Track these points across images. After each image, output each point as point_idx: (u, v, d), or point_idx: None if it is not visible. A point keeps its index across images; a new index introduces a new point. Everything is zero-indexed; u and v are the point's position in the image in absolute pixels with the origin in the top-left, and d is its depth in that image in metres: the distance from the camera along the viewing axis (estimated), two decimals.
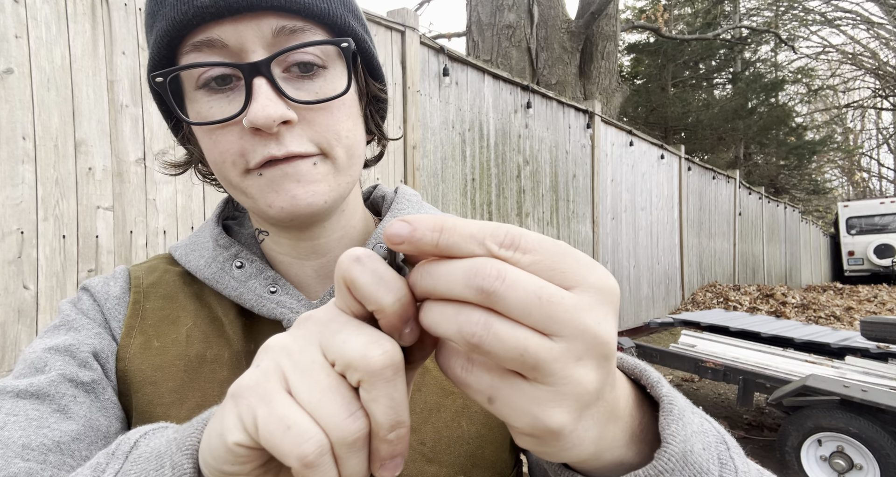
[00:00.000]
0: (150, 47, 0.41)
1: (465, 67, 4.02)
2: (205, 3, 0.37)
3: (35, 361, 0.42)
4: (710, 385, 4.17)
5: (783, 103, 17.52)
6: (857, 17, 20.07)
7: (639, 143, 6.64)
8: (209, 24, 0.39)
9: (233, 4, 0.37)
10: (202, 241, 0.51)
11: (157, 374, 0.44)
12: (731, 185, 9.85)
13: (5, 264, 1.83)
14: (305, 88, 0.41)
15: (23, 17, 1.90)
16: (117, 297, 0.48)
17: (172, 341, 0.46)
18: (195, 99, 0.41)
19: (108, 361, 0.45)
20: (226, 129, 0.41)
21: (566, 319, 0.21)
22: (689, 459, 0.26)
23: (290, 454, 0.21)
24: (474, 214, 4.04)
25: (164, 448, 0.28)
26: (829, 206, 22.69)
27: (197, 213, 2.37)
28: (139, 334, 0.46)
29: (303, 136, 0.41)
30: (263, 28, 0.39)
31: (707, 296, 7.93)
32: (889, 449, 2.12)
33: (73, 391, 0.41)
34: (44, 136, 1.94)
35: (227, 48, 0.39)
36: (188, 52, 0.40)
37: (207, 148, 0.43)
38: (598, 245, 5.61)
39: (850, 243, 14.24)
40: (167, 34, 0.39)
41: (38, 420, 0.38)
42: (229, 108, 0.40)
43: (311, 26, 0.41)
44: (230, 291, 0.47)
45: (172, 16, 0.38)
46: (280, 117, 0.39)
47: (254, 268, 0.48)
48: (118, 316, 0.47)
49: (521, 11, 7.27)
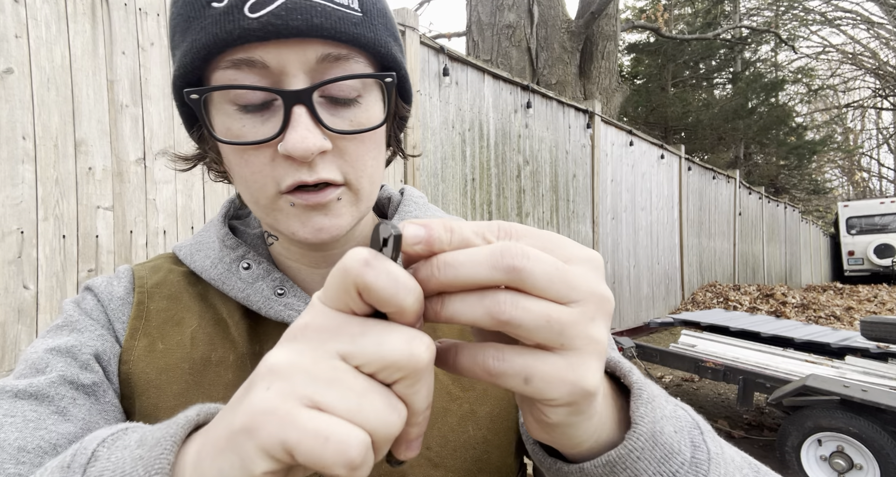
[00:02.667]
0: (182, 56, 0.39)
1: (465, 67, 4.02)
2: (252, 25, 0.36)
3: (36, 362, 0.42)
4: (710, 385, 4.17)
5: (783, 103, 17.52)
6: (857, 17, 20.07)
7: (639, 143, 6.64)
8: (252, 42, 0.37)
9: (282, 30, 0.36)
10: (207, 241, 0.51)
11: (161, 377, 0.44)
12: (731, 185, 9.85)
13: (5, 264, 1.83)
14: (341, 116, 0.41)
15: (23, 17, 1.90)
16: (121, 297, 0.48)
17: (177, 343, 0.46)
18: (227, 113, 0.40)
19: (110, 363, 0.45)
20: (258, 151, 0.40)
21: (580, 285, 0.23)
22: (659, 440, 0.28)
23: (337, 464, 0.21)
24: (474, 214, 4.04)
25: (129, 468, 0.26)
26: (829, 206, 22.69)
27: (197, 213, 2.37)
28: (143, 337, 0.45)
29: (332, 164, 0.41)
30: (308, 54, 0.38)
31: (707, 296, 7.93)
32: (889, 449, 2.12)
33: (73, 393, 0.41)
34: (44, 136, 1.94)
35: (268, 69, 0.38)
36: (225, 67, 0.38)
37: (237, 164, 0.42)
38: (598, 245, 5.61)
39: (850, 243, 14.24)
40: (205, 48, 0.37)
41: (35, 422, 0.38)
42: (263, 129, 0.39)
43: (354, 54, 0.40)
44: (237, 292, 0.47)
45: (215, 32, 0.37)
46: (318, 148, 0.38)
47: (261, 269, 0.47)
48: (122, 317, 0.47)
49: (521, 11, 7.27)
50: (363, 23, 0.40)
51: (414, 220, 0.24)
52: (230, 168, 0.43)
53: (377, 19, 0.41)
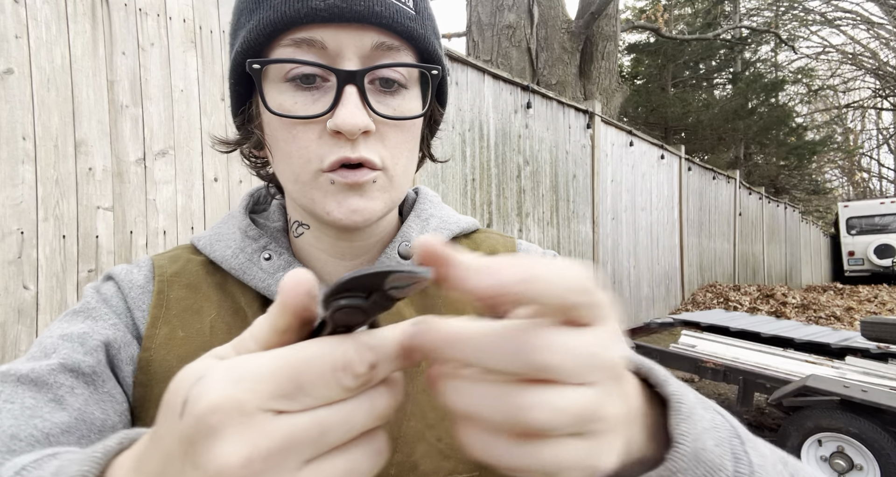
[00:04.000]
0: (248, 32, 0.42)
1: (465, 67, 4.02)
2: (319, 5, 0.39)
3: (47, 347, 0.42)
4: (710, 385, 4.17)
5: (783, 103, 17.52)
6: (857, 17, 20.07)
7: (639, 144, 6.64)
8: (316, 23, 0.40)
9: (345, 13, 0.39)
10: (228, 232, 0.52)
11: (181, 365, 0.43)
12: (731, 185, 9.85)
13: (5, 264, 1.83)
14: (386, 103, 0.43)
15: (23, 17, 1.90)
16: (141, 285, 0.49)
17: (197, 332, 0.46)
18: (280, 90, 0.42)
19: (119, 351, 0.45)
20: (306, 127, 0.42)
21: (602, 365, 0.21)
22: (702, 457, 0.27)
23: None
24: (475, 214, 4.04)
25: None
26: (829, 207, 22.68)
27: (197, 214, 2.37)
28: (164, 325, 0.46)
29: (373, 147, 0.43)
30: (364, 40, 0.41)
31: (707, 296, 7.93)
32: (889, 449, 2.12)
33: (72, 381, 0.41)
34: (44, 137, 1.94)
35: (326, 50, 0.41)
36: (286, 45, 0.41)
37: (284, 139, 0.43)
38: (598, 245, 5.61)
39: (851, 243, 14.23)
40: (272, 25, 0.40)
41: (31, 409, 0.38)
42: (313, 106, 0.42)
43: (405, 47, 0.43)
44: (258, 282, 0.48)
45: (283, 10, 0.40)
46: (364, 126, 0.40)
47: (282, 260, 0.49)
48: (142, 305, 0.47)
49: (521, 11, 7.27)
50: (416, 19, 0.43)
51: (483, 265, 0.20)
52: (274, 145, 0.45)
53: (426, 20, 0.45)
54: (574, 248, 5.27)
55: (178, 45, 2.33)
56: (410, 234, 0.53)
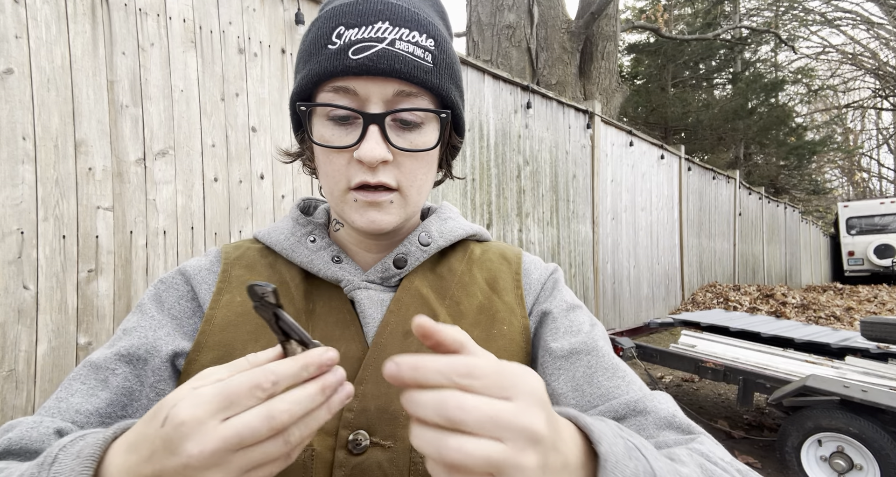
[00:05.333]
0: (300, 80, 0.55)
1: (465, 67, 4.02)
2: (352, 64, 0.50)
3: (112, 338, 0.56)
4: (710, 385, 4.17)
5: (783, 103, 17.51)
6: (857, 17, 20.07)
7: (639, 144, 6.64)
8: (349, 76, 0.51)
9: (371, 69, 0.50)
10: (283, 224, 0.65)
11: (238, 318, 0.56)
12: (731, 185, 9.85)
13: (5, 264, 1.83)
14: (404, 137, 0.54)
15: (23, 17, 1.90)
16: (207, 268, 0.61)
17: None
18: (323, 124, 0.54)
19: (158, 353, 0.55)
20: (340, 154, 0.54)
21: (510, 426, 0.28)
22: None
23: None
24: (474, 214, 4.04)
25: (65, 475, 0.34)
26: (829, 207, 22.68)
27: (197, 214, 2.37)
28: (226, 293, 0.59)
29: (391, 173, 0.54)
30: (387, 89, 0.52)
31: (707, 296, 7.93)
32: (889, 449, 2.12)
33: (122, 367, 0.53)
34: (44, 137, 1.94)
35: (357, 96, 0.52)
36: (328, 90, 0.53)
37: (322, 162, 0.56)
38: (598, 245, 5.61)
39: (850, 243, 14.23)
40: (317, 76, 0.52)
41: (92, 389, 0.51)
42: (346, 138, 0.53)
43: (422, 93, 0.53)
44: (302, 258, 0.60)
45: (326, 65, 0.51)
46: (382, 158, 0.51)
47: (324, 242, 0.61)
48: (209, 281, 0.60)
49: (521, 11, 7.27)
50: (432, 71, 0.53)
51: (394, 359, 0.30)
52: (318, 165, 0.58)
53: (444, 70, 0.55)
54: (574, 248, 5.27)
55: (178, 45, 2.33)
56: (430, 228, 0.64)
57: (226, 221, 2.47)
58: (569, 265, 5.17)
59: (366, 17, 0.51)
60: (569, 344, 0.57)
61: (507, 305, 0.61)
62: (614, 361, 0.57)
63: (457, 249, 0.66)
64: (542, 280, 0.65)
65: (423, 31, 0.52)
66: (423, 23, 0.53)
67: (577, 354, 0.56)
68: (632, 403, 0.51)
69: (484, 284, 0.63)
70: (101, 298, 2.07)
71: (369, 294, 0.57)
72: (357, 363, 0.53)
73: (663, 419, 0.49)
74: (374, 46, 0.50)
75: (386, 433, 0.50)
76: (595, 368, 0.55)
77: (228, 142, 2.47)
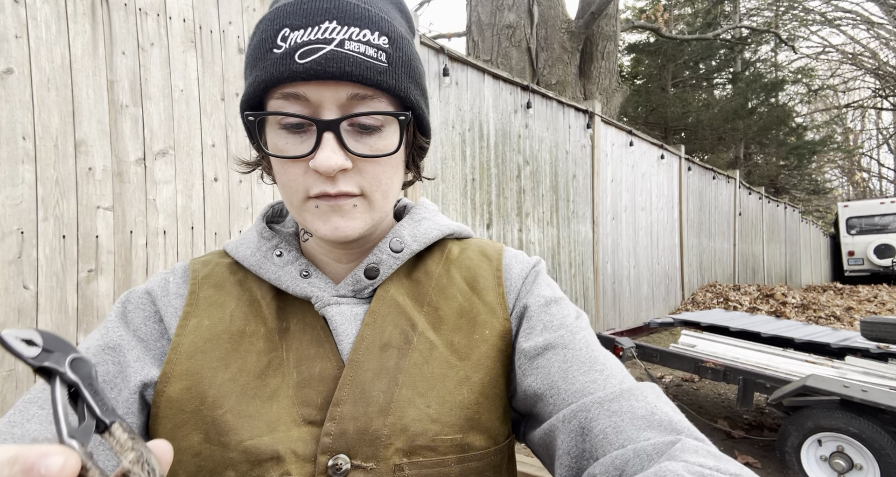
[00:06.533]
0: (247, 87, 0.51)
1: (465, 67, 4.02)
2: (299, 69, 0.46)
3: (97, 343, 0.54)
4: (710, 385, 4.17)
5: (783, 103, 17.51)
6: (857, 17, 20.07)
7: (639, 143, 6.64)
8: (298, 82, 0.47)
9: (320, 73, 0.46)
10: (249, 236, 0.62)
11: (206, 344, 0.54)
12: (731, 185, 9.85)
13: (5, 264, 1.83)
14: (363, 142, 0.50)
15: (23, 17, 1.90)
16: (175, 292, 0.59)
17: (219, 320, 0.56)
18: (275, 133, 0.51)
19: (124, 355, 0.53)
20: (295, 164, 0.50)
21: None
22: None
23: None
24: (474, 214, 4.04)
25: None
26: (829, 207, 22.68)
27: (197, 214, 2.37)
28: (194, 317, 0.56)
29: (352, 180, 0.51)
30: (340, 93, 0.48)
31: (707, 296, 7.93)
32: (889, 449, 2.12)
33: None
34: (44, 137, 1.94)
35: (309, 102, 0.48)
36: (277, 98, 0.49)
37: (278, 172, 0.53)
38: (597, 245, 5.61)
39: (851, 243, 14.23)
40: (263, 83, 0.48)
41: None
42: (300, 147, 0.50)
43: (378, 95, 0.50)
44: (270, 274, 0.57)
45: (272, 71, 0.47)
46: (339, 167, 0.48)
47: (291, 256, 0.59)
48: (176, 303, 0.57)
49: (521, 11, 7.27)
50: (387, 72, 0.49)
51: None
52: (275, 175, 0.54)
53: (401, 69, 0.51)
54: (574, 248, 5.27)
55: (178, 45, 2.33)
56: (402, 233, 0.60)
57: (226, 221, 2.47)
58: (569, 265, 5.17)
59: (311, 18, 0.47)
60: (543, 341, 0.54)
61: (488, 305, 0.59)
62: (592, 353, 0.53)
63: (433, 249, 0.63)
64: (523, 275, 0.62)
65: (375, 29, 0.48)
66: (375, 19, 0.49)
67: (553, 350, 0.53)
68: (605, 401, 0.47)
69: (463, 284, 0.60)
70: (101, 298, 2.07)
71: (341, 309, 0.55)
72: (333, 383, 0.51)
73: (641, 418, 0.44)
74: (322, 49, 0.46)
75: (367, 455, 0.48)
76: (571, 362, 0.52)
77: (228, 142, 2.47)
